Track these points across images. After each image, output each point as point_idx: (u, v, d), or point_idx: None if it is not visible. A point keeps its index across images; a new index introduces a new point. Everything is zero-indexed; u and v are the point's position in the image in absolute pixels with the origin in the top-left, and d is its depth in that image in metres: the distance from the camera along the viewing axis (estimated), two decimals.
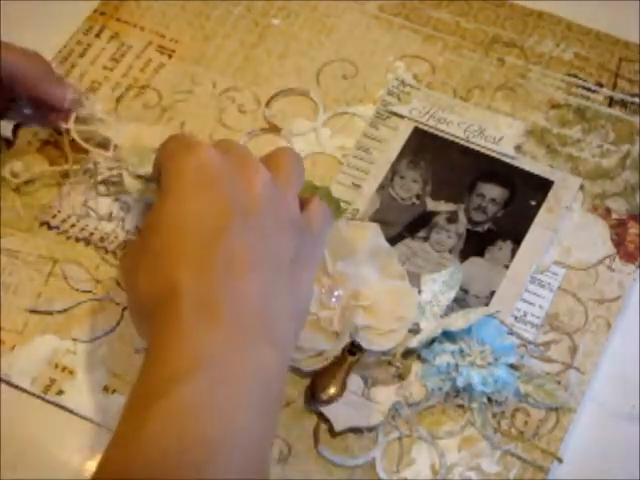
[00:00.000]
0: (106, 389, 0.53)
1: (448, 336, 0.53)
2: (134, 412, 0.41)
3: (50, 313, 0.56)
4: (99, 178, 0.59)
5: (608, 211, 0.59)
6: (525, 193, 0.59)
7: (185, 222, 0.44)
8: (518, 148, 0.61)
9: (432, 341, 0.53)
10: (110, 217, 0.59)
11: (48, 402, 0.53)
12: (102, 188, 0.60)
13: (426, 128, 0.62)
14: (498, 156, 0.61)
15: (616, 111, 0.62)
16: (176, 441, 0.39)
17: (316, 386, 0.52)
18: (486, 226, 0.58)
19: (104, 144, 0.60)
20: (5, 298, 0.56)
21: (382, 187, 0.60)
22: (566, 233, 0.58)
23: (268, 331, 0.44)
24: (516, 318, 0.55)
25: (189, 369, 0.41)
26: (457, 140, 0.61)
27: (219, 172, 0.46)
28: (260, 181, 0.46)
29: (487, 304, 0.55)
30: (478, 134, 0.61)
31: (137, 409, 0.41)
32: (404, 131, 0.62)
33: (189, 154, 0.46)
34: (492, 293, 0.56)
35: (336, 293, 0.54)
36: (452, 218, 0.58)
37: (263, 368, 0.42)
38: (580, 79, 0.64)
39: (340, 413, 0.52)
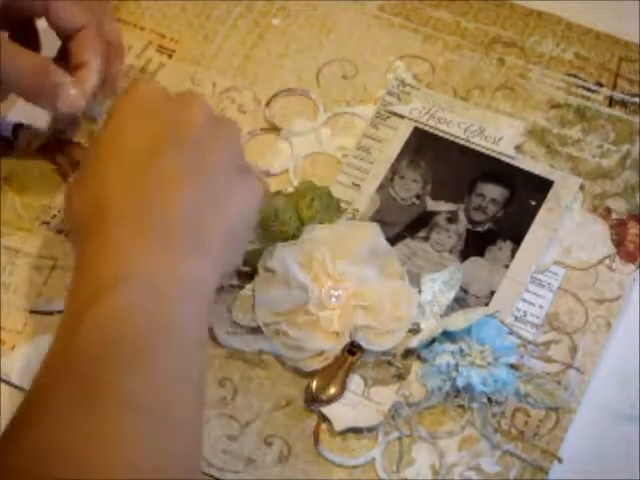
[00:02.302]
0: None
1: (448, 336, 0.53)
2: (65, 325, 0.44)
3: (50, 313, 0.56)
4: None
5: (608, 211, 0.59)
6: (525, 193, 0.59)
7: (118, 146, 0.47)
8: (518, 148, 0.61)
9: (432, 341, 0.53)
10: None
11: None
12: None
13: (426, 128, 0.62)
14: (498, 156, 0.61)
15: (616, 111, 0.62)
16: (110, 344, 0.41)
17: (316, 386, 0.52)
18: (486, 226, 0.58)
19: None
20: (5, 298, 0.56)
21: (382, 187, 0.60)
22: (566, 233, 0.58)
23: (197, 242, 0.46)
24: (516, 318, 0.55)
25: (117, 278, 0.43)
26: (457, 140, 0.61)
27: (159, 103, 0.49)
28: (200, 113, 0.49)
29: (487, 304, 0.55)
30: (478, 134, 0.61)
31: (68, 321, 0.43)
32: (404, 131, 0.62)
33: (133, 88, 0.50)
34: (492, 293, 0.56)
35: (336, 293, 0.54)
36: (452, 218, 0.58)
37: (193, 276, 0.45)
38: (580, 79, 0.64)
39: (340, 413, 0.52)
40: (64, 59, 0.57)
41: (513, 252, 0.57)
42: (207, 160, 0.48)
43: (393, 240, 0.57)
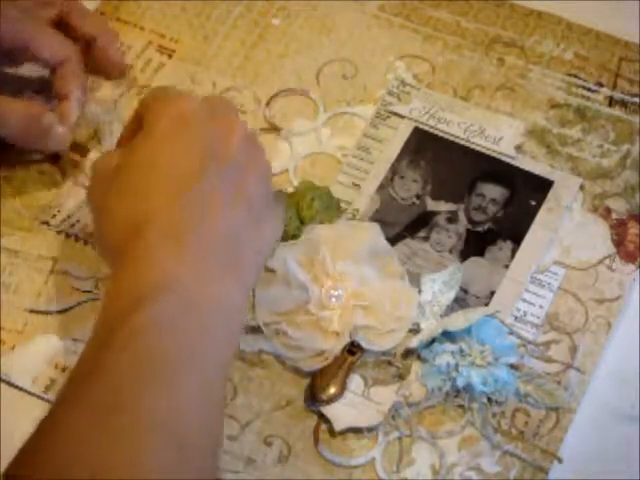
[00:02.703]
0: None
1: (448, 336, 0.53)
2: (98, 337, 0.44)
3: (50, 313, 0.56)
4: None
5: (608, 211, 0.59)
6: (525, 193, 0.59)
7: (159, 163, 0.47)
8: (518, 148, 0.61)
9: (432, 341, 0.53)
10: None
11: (48, 402, 0.53)
12: None
13: (426, 128, 0.62)
14: (498, 156, 0.61)
15: (616, 111, 0.62)
16: (140, 358, 0.41)
17: (316, 386, 0.52)
18: (486, 226, 0.58)
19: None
20: (5, 298, 0.56)
21: (382, 187, 0.60)
22: (566, 233, 0.58)
23: (233, 264, 0.46)
24: (516, 318, 0.55)
25: (154, 292, 0.43)
26: (457, 140, 0.61)
27: (197, 120, 0.49)
28: (238, 132, 0.49)
29: (487, 304, 0.55)
30: (478, 134, 0.61)
31: (102, 333, 0.43)
32: (404, 131, 0.62)
33: (170, 102, 0.49)
34: (492, 293, 0.56)
35: (336, 293, 0.54)
36: (452, 218, 0.58)
37: (227, 298, 0.45)
38: (580, 79, 0.64)
39: (340, 413, 0.52)
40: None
41: (513, 252, 0.57)
42: (246, 185, 0.49)
43: (393, 240, 0.57)
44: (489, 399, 0.52)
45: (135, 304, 0.43)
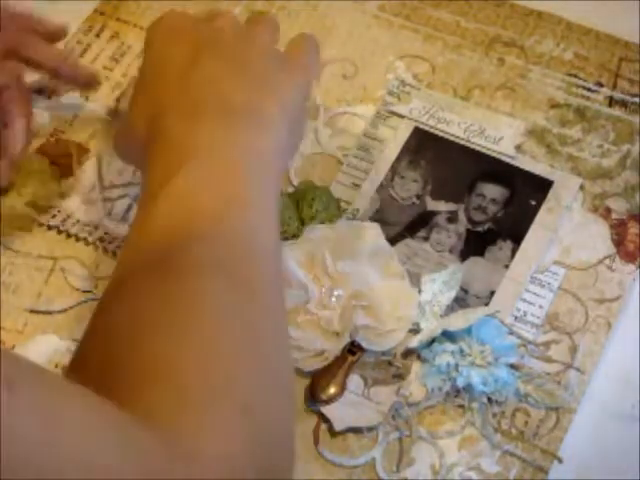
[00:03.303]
0: None
1: (448, 336, 0.53)
2: (140, 212, 0.45)
3: (50, 313, 0.56)
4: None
5: (608, 211, 0.59)
6: (525, 193, 0.59)
7: (161, 64, 0.50)
8: (518, 148, 0.61)
9: (432, 341, 0.53)
10: (111, 214, 0.59)
11: None
12: (106, 183, 0.60)
13: (426, 128, 0.62)
14: (498, 156, 0.61)
15: (616, 111, 0.62)
16: (182, 217, 0.43)
17: (316, 386, 0.52)
18: (486, 226, 0.58)
19: None
20: (5, 298, 0.56)
21: (382, 187, 0.60)
22: (566, 233, 0.58)
23: (256, 120, 0.48)
24: (516, 318, 0.55)
25: (183, 160, 0.45)
26: (457, 140, 0.61)
27: (190, 23, 0.51)
28: (230, 22, 0.52)
29: (487, 304, 0.55)
30: (478, 134, 0.61)
31: (142, 207, 0.45)
32: (404, 131, 0.62)
33: (163, 16, 0.52)
34: (492, 293, 0.56)
35: (336, 293, 0.54)
36: (452, 218, 0.58)
37: (257, 149, 0.47)
38: (580, 79, 0.64)
39: (340, 413, 0.52)
40: None
41: (513, 252, 0.57)
42: (247, 58, 0.50)
43: (393, 240, 0.57)
44: (489, 399, 0.52)
45: (168, 175, 0.45)
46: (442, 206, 0.59)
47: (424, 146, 0.61)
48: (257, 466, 0.37)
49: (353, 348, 0.53)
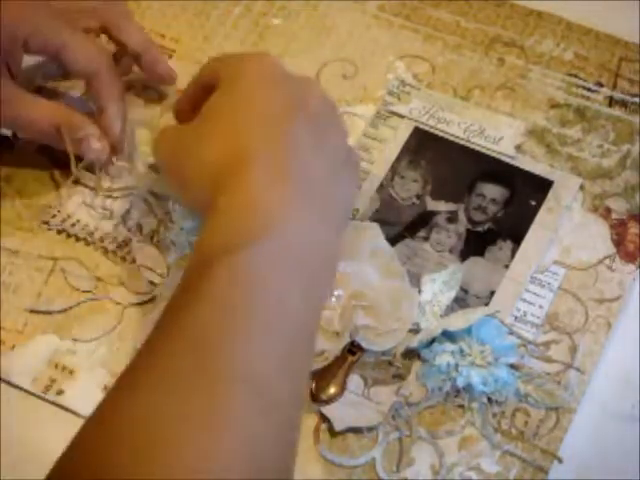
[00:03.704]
0: (106, 389, 0.53)
1: (448, 336, 0.53)
2: (192, 270, 0.42)
3: (50, 313, 0.56)
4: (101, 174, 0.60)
5: (608, 211, 0.59)
6: (525, 193, 0.59)
7: (255, 102, 0.48)
8: (518, 148, 0.61)
9: (432, 341, 0.53)
10: (111, 215, 0.59)
11: (48, 402, 0.53)
12: (105, 184, 0.60)
13: (426, 128, 0.62)
14: (498, 156, 0.61)
15: (616, 111, 0.62)
16: (241, 298, 0.40)
17: (316, 386, 0.52)
18: (486, 226, 0.58)
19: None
20: (5, 298, 0.56)
21: (382, 187, 0.60)
22: (566, 233, 0.58)
23: (328, 212, 0.46)
24: (516, 318, 0.55)
25: (255, 231, 0.42)
26: (457, 140, 0.61)
27: (282, 76, 0.50)
28: (318, 90, 0.50)
29: (487, 304, 0.55)
30: (478, 134, 0.61)
31: (196, 271, 0.42)
32: (404, 131, 0.62)
33: (253, 57, 0.50)
34: (492, 293, 0.56)
35: (336, 293, 0.54)
36: (452, 218, 0.58)
37: (326, 244, 0.45)
38: (580, 79, 0.64)
39: (340, 413, 0.52)
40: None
41: (513, 252, 0.57)
42: (327, 138, 0.49)
43: (393, 240, 0.57)
44: (489, 399, 0.52)
45: (237, 240, 0.42)
46: (442, 206, 0.59)
47: (424, 146, 0.61)
48: None
49: (353, 348, 0.53)
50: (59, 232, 0.59)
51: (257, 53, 0.51)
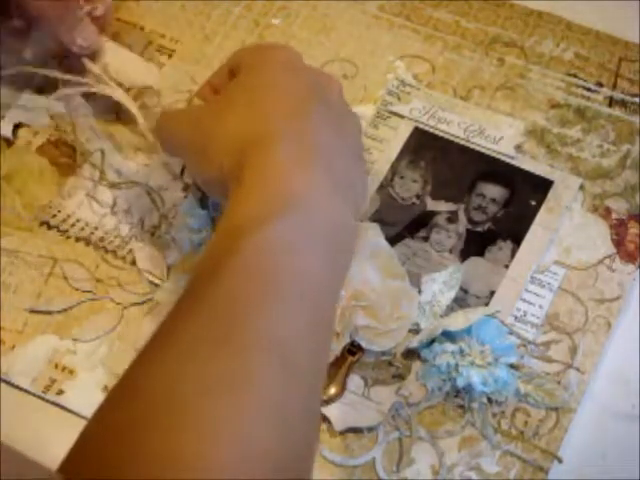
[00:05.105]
0: (106, 389, 0.53)
1: (448, 336, 0.53)
2: (219, 242, 0.43)
3: (50, 313, 0.56)
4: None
5: (608, 211, 0.59)
6: (525, 193, 0.59)
7: (278, 86, 0.49)
8: (518, 148, 0.61)
9: (432, 341, 0.53)
10: (112, 209, 0.59)
11: (48, 402, 0.53)
12: (106, 183, 0.60)
13: (426, 128, 0.62)
14: (498, 156, 0.61)
15: (616, 111, 0.62)
16: (269, 267, 0.41)
17: None
18: (486, 226, 0.58)
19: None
20: (5, 298, 0.56)
21: (382, 187, 0.60)
22: (566, 233, 0.58)
23: (349, 197, 0.46)
24: (516, 318, 0.55)
25: (282, 206, 0.43)
26: (457, 140, 0.61)
27: (302, 65, 0.52)
28: (337, 85, 0.52)
29: (487, 304, 0.55)
30: (478, 134, 0.61)
31: (223, 237, 0.43)
32: (404, 131, 0.62)
33: (278, 47, 0.52)
34: (492, 293, 0.56)
35: None
36: (452, 218, 0.58)
37: (348, 226, 0.45)
38: (580, 79, 0.64)
39: (340, 413, 0.52)
40: None
41: (513, 252, 0.57)
42: (346, 130, 0.50)
43: (393, 240, 0.57)
44: (489, 399, 0.52)
45: (265, 214, 0.42)
46: (442, 206, 0.59)
47: (424, 146, 0.61)
48: None
49: (353, 348, 0.53)
50: (59, 232, 0.59)
51: (281, 44, 0.52)
